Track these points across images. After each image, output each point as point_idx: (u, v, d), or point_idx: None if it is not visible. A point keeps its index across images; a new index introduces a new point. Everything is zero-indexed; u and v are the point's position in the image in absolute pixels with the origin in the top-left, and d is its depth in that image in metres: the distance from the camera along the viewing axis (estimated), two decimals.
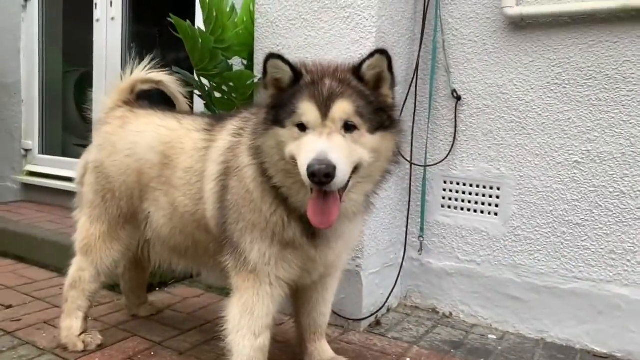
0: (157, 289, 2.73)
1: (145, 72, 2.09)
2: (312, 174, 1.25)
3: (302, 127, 1.36)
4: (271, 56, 1.42)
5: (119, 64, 3.87)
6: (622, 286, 2.17)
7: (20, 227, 3.37)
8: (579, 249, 2.26)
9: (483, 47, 2.42)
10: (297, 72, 1.42)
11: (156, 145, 1.83)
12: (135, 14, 3.97)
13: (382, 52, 1.40)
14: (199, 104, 2.84)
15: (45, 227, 3.39)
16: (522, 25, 2.32)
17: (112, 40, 3.88)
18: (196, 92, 2.66)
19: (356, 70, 1.43)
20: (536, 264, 2.34)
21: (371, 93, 1.42)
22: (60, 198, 4.11)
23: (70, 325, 1.98)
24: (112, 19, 3.86)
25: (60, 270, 2.92)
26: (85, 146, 2.14)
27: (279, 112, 1.41)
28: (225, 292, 1.78)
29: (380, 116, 1.41)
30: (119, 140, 1.91)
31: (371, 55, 1.41)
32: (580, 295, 2.25)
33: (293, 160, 1.37)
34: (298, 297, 1.86)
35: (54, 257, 2.99)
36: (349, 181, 1.37)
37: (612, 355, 2.18)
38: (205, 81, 2.58)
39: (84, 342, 1.97)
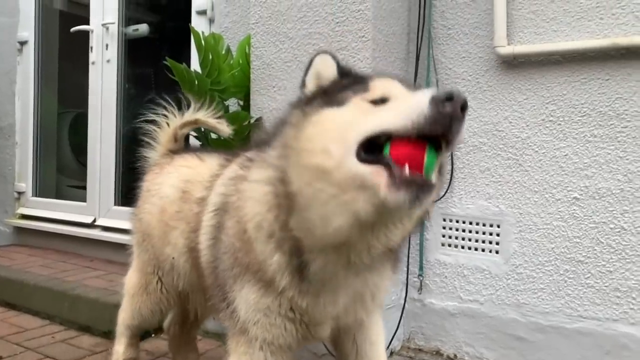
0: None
1: (181, 118, 2.08)
2: (449, 96, 0.98)
3: (378, 102, 1.13)
4: (322, 52, 1.32)
5: (114, 105, 3.89)
6: (629, 325, 2.13)
7: (10, 272, 3.30)
8: (582, 286, 2.22)
9: (477, 86, 2.44)
10: (345, 71, 1.30)
11: (176, 183, 1.81)
12: (131, 56, 4.01)
13: None
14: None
15: (37, 272, 3.32)
16: (514, 63, 2.35)
17: (107, 82, 3.91)
18: (192, 133, 2.66)
19: None
20: (540, 302, 2.30)
21: None
22: (54, 241, 4.04)
23: (117, 350, 2.01)
24: (108, 61, 3.90)
25: (53, 317, 2.85)
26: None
27: (331, 96, 1.20)
28: (223, 338, 1.66)
29: None
30: (151, 184, 1.93)
31: None
32: (586, 335, 2.20)
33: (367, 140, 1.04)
34: (338, 347, 1.55)
35: (46, 303, 2.91)
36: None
37: None
38: None
39: None
